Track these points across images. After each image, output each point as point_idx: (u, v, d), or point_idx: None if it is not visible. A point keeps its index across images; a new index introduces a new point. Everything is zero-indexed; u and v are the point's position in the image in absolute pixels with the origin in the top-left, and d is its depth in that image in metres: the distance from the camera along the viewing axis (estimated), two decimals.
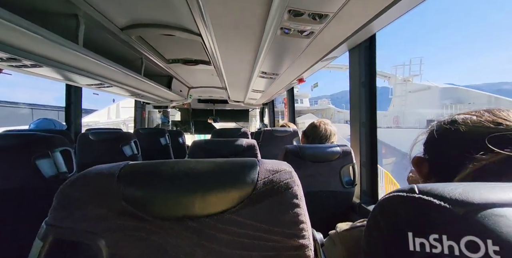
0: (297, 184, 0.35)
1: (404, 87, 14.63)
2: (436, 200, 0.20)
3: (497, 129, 0.31)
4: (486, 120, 0.33)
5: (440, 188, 0.21)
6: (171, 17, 1.23)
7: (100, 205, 0.31)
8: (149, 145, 2.16)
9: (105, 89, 1.80)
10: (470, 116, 0.35)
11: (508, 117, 0.33)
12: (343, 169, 0.97)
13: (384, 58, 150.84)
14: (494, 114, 0.34)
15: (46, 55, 1.01)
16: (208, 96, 3.57)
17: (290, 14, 0.70)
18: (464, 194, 0.19)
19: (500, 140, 0.30)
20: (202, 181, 0.32)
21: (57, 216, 0.31)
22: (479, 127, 0.33)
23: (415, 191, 0.21)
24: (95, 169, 0.33)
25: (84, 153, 1.42)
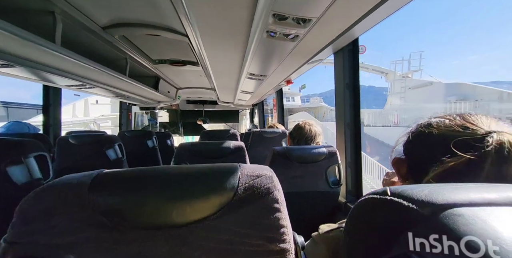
0: (278, 188, 0.35)
1: (403, 83, 13.41)
2: (405, 202, 0.21)
3: (464, 133, 0.33)
4: (456, 125, 0.35)
5: (409, 190, 0.22)
6: (156, 17, 1.20)
7: (69, 217, 0.29)
8: (135, 147, 2.09)
9: (86, 90, 1.73)
10: (443, 119, 0.37)
11: (476, 121, 0.35)
12: (329, 169, 0.99)
13: (377, 56, 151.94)
14: (464, 118, 0.36)
15: (19, 54, 0.95)
16: (197, 97, 3.52)
17: (275, 18, 0.71)
18: (429, 195, 0.21)
19: (465, 144, 0.31)
20: (181, 188, 0.32)
21: (18, 232, 0.29)
22: (449, 131, 0.35)
23: (387, 193, 0.22)
24: (64, 179, 0.32)
25: (64, 158, 1.35)
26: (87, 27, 1.15)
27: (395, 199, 0.21)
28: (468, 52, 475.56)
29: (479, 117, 0.35)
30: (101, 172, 0.32)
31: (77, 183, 0.31)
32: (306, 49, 1.01)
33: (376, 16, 0.76)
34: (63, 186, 0.31)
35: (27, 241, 0.29)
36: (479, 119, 0.35)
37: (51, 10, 0.96)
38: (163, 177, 0.33)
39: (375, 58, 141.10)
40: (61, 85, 1.53)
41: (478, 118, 0.35)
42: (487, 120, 0.35)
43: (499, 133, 0.31)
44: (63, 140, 1.34)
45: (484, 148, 0.30)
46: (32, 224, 0.29)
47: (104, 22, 1.19)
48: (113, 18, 1.18)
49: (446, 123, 0.36)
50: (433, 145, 0.35)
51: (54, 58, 1.03)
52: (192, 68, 2.07)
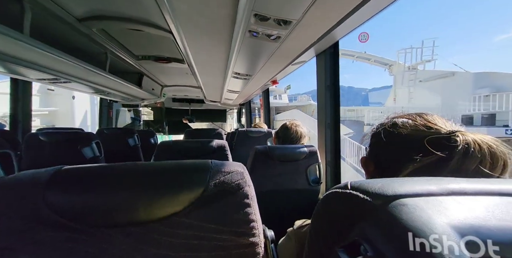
0: (249, 184, 0.35)
1: (413, 75, 11.01)
2: (361, 194, 0.23)
3: (429, 132, 0.35)
4: (420, 125, 0.37)
5: (366, 184, 0.24)
6: (137, 11, 1.16)
7: (21, 216, 0.27)
8: (116, 146, 2.01)
9: (61, 84, 1.63)
10: (407, 120, 0.39)
11: (435, 121, 0.38)
12: (310, 168, 1.01)
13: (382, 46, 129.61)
14: (425, 119, 0.38)
15: None
16: (183, 96, 3.44)
17: (257, 18, 0.71)
18: (381, 188, 0.22)
19: (434, 143, 0.34)
20: (147, 185, 0.31)
21: None
22: (415, 131, 0.37)
23: (348, 187, 0.24)
24: (17, 175, 0.30)
25: (32, 156, 1.26)
26: (61, 17, 1.09)
27: (353, 192, 0.23)
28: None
29: (435, 117, 0.38)
30: (61, 169, 0.31)
31: (32, 180, 0.29)
32: (289, 51, 1.03)
33: (355, 20, 0.79)
34: (16, 183, 0.29)
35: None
36: (437, 119, 0.38)
37: None
38: (129, 173, 0.32)
39: (379, 48, 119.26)
40: (32, 78, 1.43)
41: (435, 118, 0.38)
42: (441, 120, 0.38)
43: (461, 132, 0.34)
44: (33, 137, 1.26)
45: (456, 146, 0.32)
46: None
47: (79, 13, 1.13)
48: (90, 9, 1.12)
49: (411, 123, 0.38)
50: (403, 144, 0.37)
51: (22, 49, 0.96)
52: (177, 66, 2.02)
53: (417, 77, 10.97)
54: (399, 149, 0.38)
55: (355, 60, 15.36)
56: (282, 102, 18.27)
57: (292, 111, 13.44)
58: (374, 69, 18.39)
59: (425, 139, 0.34)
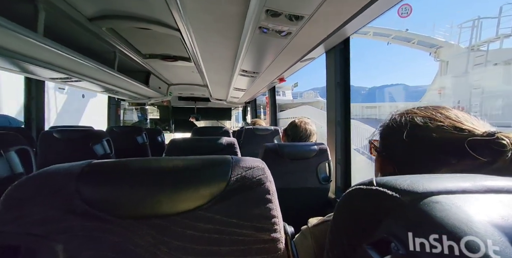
0: (270, 180, 0.35)
1: (481, 57, 8.03)
2: (389, 191, 0.22)
3: (462, 135, 0.32)
4: (448, 126, 0.34)
5: (393, 180, 0.23)
6: (146, 10, 1.17)
7: (54, 206, 0.29)
8: (125, 144, 2.04)
9: (73, 83, 1.66)
10: (428, 119, 0.35)
11: (460, 119, 0.34)
12: (320, 166, 1.01)
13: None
14: (447, 116, 0.35)
15: None
16: (189, 94, 3.46)
17: (268, 14, 0.71)
18: (411, 184, 0.22)
19: (471, 145, 0.31)
20: (171, 179, 0.32)
21: (3, 221, 0.28)
22: (443, 133, 0.33)
23: (373, 183, 0.23)
24: (52, 168, 0.31)
25: (47, 153, 1.30)
26: (72, 17, 1.10)
27: (380, 188, 0.22)
28: None
29: (458, 114, 0.35)
30: (91, 162, 0.32)
31: (65, 172, 0.30)
32: (298, 47, 1.02)
33: (366, 15, 0.78)
34: (50, 175, 0.30)
35: (11, 230, 0.28)
36: (462, 117, 0.35)
37: None
38: (153, 168, 0.32)
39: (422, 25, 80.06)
40: (45, 77, 1.47)
41: (458, 115, 0.35)
42: (465, 116, 0.35)
43: (503, 134, 0.30)
44: (47, 135, 1.29)
45: (503, 151, 0.29)
46: (15, 212, 0.28)
47: (90, 13, 1.15)
48: (100, 9, 1.14)
49: (436, 124, 0.34)
50: (431, 147, 0.34)
51: (36, 48, 0.98)
52: (184, 64, 2.03)
53: (488, 60, 7.85)
54: (426, 151, 0.34)
55: (390, 42, 11.35)
56: (286, 99, 16.69)
57: (302, 108, 11.83)
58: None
59: (464, 142, 0.31)
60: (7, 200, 0.29)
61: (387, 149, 0.39)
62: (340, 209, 0.27)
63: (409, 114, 0.38)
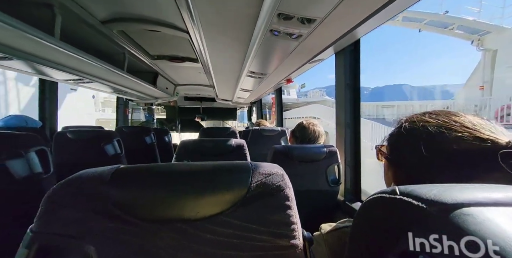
0: (289, 186, 0.36)
1: None
2: (415, 201, 0.21)
3: (483, 146, 0.31)
4: (468, 137, 0.32)
5: (418, 189, 0.22)
6: (156, 13, 1.19)
7: (89, 209, 0.30)
8: (133, 144, 2.08)
9: (84, 85, 1.70)
10: (445, 129, 0.33)
11: (476, 127, 0.32)
12: (329, 168, 1.00)
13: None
14: (463, 124, 0.33)
15: (18, 47, 0.93)
16: (195, 94, 3.49)
17: (280, 18, 0.71)
18: (438, 195, 0.21)
19: (491, 156, 0.29)
20: (195, 184, 0.33)
21: (43, 222, 0.30)
22: (466, 144, 0.31)
23: (396, 192, 0.23)
24: (85, 173, 0.33)
25: (61, 153, 1.33)
26: (86, 21, 1.13)
27: (404, 198, 0.22)
28: None
29: (475, 121, 0.33)
30: (119, 168, 0.33)
31: (98, 177, 0.32)
32: (308, 49, 1.02)
33: (378, 18, 0.77)
34: (85, 179, 0.32)
35: (52, 232, 0.30)
36: (476, 123, 0.33)
37: (50, 3, 0.93)
38: (177, 173, 0.33)
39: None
40: (58, 79, 1.51)
41: (474, 122, 0.33)
42: (480, 122, 0.33)
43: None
44: (61, 135, 1.33)
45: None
46: (56, 215, 0.30)
47: (103, 16, 1.17)
48: (112, 12, 1.16)
49: (455, 135, 0.32)
50: (453, 161, 0.32)
51: (53, 52, 1.01)
52: (191, 65, 2.05)
53: None
54: (448, 166, 0.32)
55: (422, 29, 9.18)
56: (291, 98, 15.79)
57: (311, 107, 10.68)
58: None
59: (488, 153, 0.29)
60: (48, 202, 0.30)
61: (399, 157, 0.38)
62: (360, 218, 0.26)
63: (420, 122, 0.36)
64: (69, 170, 1.41)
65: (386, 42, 74.13)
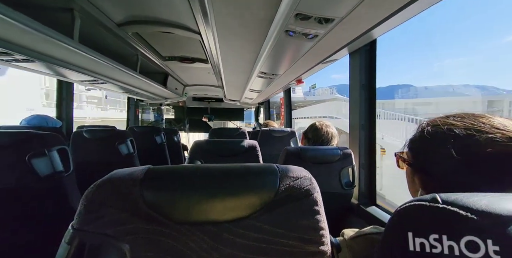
0: (317, 190, 0.35)
1: None
2: (462, 211, 0.20)
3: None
4: (500, 137, 0.30)
5: (465, 198, 0.21)
6: (170, 15, 1.20)
7: (124, 209, 0.31)
8: (144, 143, 2.11)
9: (98, 85, 1.75)
10: (475, 131, 0.31)
11: (507, 127, 0.31)
12: (343, 170, 0.99)
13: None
14: (496, 127, 0.31)
15: (39, 50, 0.96)
16: (203, 95, 3.53)
17: (297, 18, 0.71)
18: (490, 205, 0.20)
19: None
20: (223, 187, 0.33)
21: (83, 220, 0.31)
22: (501, 146, 0.29)
23: (438, 200, 0.22)
24: (119, 173, 0.34)
25: (78, 152, 1.37)
26: (103, 24, 1.16)
27: (449, 207, 0.21)
28: None
29: (506, 122, 0.32)
30: (150, 168, 0.34)
31: (130, 177, 0.32)
32: (322, 49, 1.00)
33: (397, 19, 0.75)
34: (118, 179, 0.32)
35: (91, 230, 0.31)
36: (510, 126, 0.31)
37: (70, 7, 0.96)
38: (208, 175, 0.33)
39: None
40: (75, 80, 1.55)
41: (508, 124, 0.31)
42: (505, 120, 0.32)
43: None
44: (78, 134, 1.37)
45: None
46: (94, 214, 0.31)
47: (119, 19, 1.20)
48: (129, 15, 1.19)
49: (487, 136, 0.30)
50: (490, 166, 0.30)
51: (71, 54, 1.04)
52: (200, 66, 2.07)
53: None
54: (485, 171, 0.30)
55: None
56: (297, 97, 14.23)
57: (327, 104, 9.88)
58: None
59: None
60: (88, 202, 0.31)
61: (425, 163, 0.36)
62: (394, 226, 0.25)
63: (445, 125, 0.34)
64: (86, 168, 1.45)
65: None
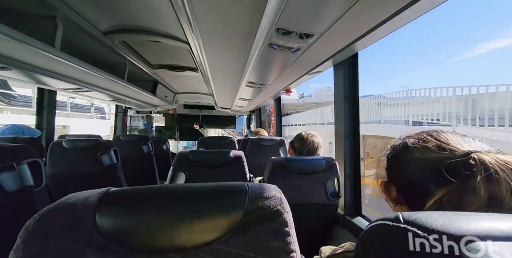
0: (287, 210, 0.34)
1: None
2: (420, 231, 0.20)
3: (443, 155, 0.32)
4: (432, 146, 0.34)
5: (424, 218, 0.21)
6: (157, 24, 1.21)
7: (73, 241, 0.28)
8: (131, 152, 2.05)
9: (83, 93, 1.70)
10: (418, 140, 0.36)
11: (448, 140, 0.34)
12: (328, 181, 0.98)
13: None
14: (435, 138, 0.35)
15: (17, 58, 0.93)
16: (194, 102, 3.51)
17: (279, 32, 0.72)
18: (445, 225, 0.20)
19: (451, 167, 0.31)
20: (189, 210, 0.31)
21: (22, 256, 0.27)
22: (428, 153, 0.34)
23: (400, 220, 0.22)
24: (69, 199, 0.31)
25: (56, 163, 1.31)
26: (88, 32, 1.15)
27: (408, 227, 0.21)
28: None
29: (449, 136, 0.35)
30: (108, 191, 0.32)
31: (83, 203, 0.30)
32: (307, 61, 1.03)
33: (376, 34, 0.78)
34: (68, 206, 0.30)
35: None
36: (450, 138, 0.35)
37: (52, 14, 0.95)
38: (169, 196, 0.32)
39: None
40: (56, 88, 1.51)
41: (448, 137, 0.35)
42: (456, 138, 0.35)
43: (478, 153, 0.30)
44: (57, 145, 1.31)
45: (472, 171, 0.29)
46: (37, 247, 0.28)
47: (105, 27, 1.19)
48: (115, 24, 1.18)
49: (422, 144, 0.35)
50: (418, 169, 0.34)
51: (53, 62, 1.02)
52: (191, 74, 2.07)
53: None
54: (415, 174, 0.34)
55: None
56: (291, 99, 11.64)
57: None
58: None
59: (442, 164, 0.31)
60: (27, 235, 0.28)
61: (388, 172, 0.40)
62: (363, 245, 0.25)
63: (404, 138, 0.38)
64: (63, 180, 1.37)
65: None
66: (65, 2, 0.94)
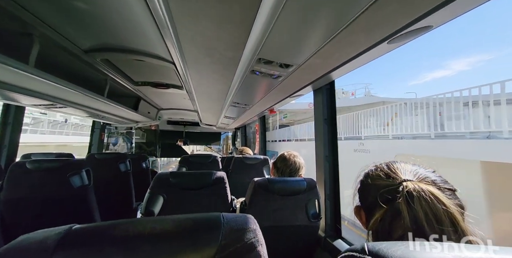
0: (261, 243, 0.34)
1: None
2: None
3: (386, 182, 0.37)
4: (383, 174, 0.39)
5: (385, 249, 0.24)
6: (142, 44, 1.22)
7: None
8: (106, 172, 1.91)
9: (57, 109, 1.60)
10: (375, 169, 0.41)
11: (397, 170, 0.39)
12: (310, 202, 0.99)
13: None
14: (389, 167, 0.40)
15: None
16: (179, 118, 3.44)
17: (260, 61, 0.77)
18: (402, 256, 0.22)
19: (388, 193, 0.36)
20: (160, 250, 0.29)
21: None
22: (377, 180, 0.39)
23: (365, 251, 0.24)
24: (26, 240, 0.27)
25: (15, 186, 1.17)
26: (68, 49, 1.12)
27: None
28: None
29: (401, 166, 0.40)
30: (70, 230, 0.29)
31: (40, 244, 0.27)
32: (288, 86, 1.09)
33: (351, 65, 0.86)
34: (23, 249, 0.26)
35: None
36: (400, 168, 0.39)
37: (29, 32, 0.92)
38: (141, 233, 0.30)
39: None
40: (27, 104, 1.41)
41: (399, 167, 0.40)
42: (408, 167, 0.39)
43: (407, 182, 0.35)
44: (18, 166, 1.18)
45: (397, 197, 0.34)
46: None
47: (86, 45, 1.18)
48: (97, 42, 1.17)
49: (377, 173, 0.40)
50: (370, 194, 0.39)
51: (24, 78, 0.97)
52: (176, 91, 2.06)
53: None
54: (368, 198, 0.39)
55: None
56: (302, 103, 8.77)
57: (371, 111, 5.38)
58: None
59: (380, 190, 0.36)
60: None
61: (359, 198, 0.44)
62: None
63: (370, 166, 0.44)
64: (20, 207, 1.21)
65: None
66: (43, 20, 0.92)
